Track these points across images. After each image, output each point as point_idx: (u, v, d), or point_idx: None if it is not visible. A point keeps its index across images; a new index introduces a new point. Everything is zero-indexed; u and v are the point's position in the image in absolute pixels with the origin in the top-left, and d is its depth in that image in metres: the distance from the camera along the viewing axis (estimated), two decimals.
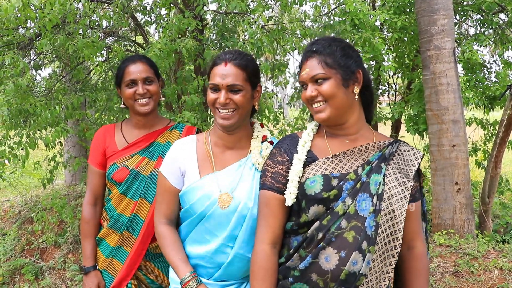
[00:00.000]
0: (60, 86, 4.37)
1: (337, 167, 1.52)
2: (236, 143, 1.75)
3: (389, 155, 1.56)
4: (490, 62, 5.09)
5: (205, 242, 1.69)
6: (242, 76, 1.63)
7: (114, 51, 4.15)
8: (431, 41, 3.85)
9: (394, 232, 1.47)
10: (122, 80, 2.06)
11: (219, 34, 4.23)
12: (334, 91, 1.50)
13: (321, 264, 1.44)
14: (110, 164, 2.07)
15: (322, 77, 1.50)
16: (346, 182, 1.48)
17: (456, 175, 3.85)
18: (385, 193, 1.48)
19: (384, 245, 1.47)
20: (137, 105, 2.04)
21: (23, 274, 4.33)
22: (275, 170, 1.57)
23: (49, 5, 2.83)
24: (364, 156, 1.55)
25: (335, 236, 1.44)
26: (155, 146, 2.09)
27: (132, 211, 2.03)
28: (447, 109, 3.82)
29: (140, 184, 2.03)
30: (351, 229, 1.44)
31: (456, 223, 3.87)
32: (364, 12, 3.75)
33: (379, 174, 1.49)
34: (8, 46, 3.87)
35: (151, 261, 2.09)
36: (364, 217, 1.44)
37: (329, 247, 1.43)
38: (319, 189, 1.47)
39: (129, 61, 2.07)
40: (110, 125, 2.23)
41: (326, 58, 1.51)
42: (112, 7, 3.77)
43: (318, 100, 1.53)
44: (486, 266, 3.16)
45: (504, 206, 5.20)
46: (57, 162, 4.25)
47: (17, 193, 6.03)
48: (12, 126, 3.83)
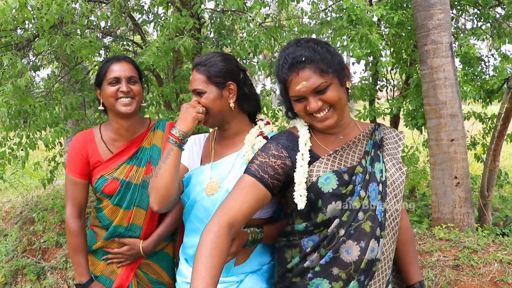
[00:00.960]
0: (59, 87, 4.38)
1: (342, 162, 1.51)
2: (233, 137, 1.81)
3: (380, 141, 1.59)
4: (487, 56, 5.09)
5: (197, 231, 1.72)
6: (205, 81, 1.71)
7: (112, 51, 4.16)
8: (428, 36, 3.85)
9: (397, 215, 1.54)
10: (105, 78, 1.94)
11: (216, 32, 4.23)
12: (338, 95, 1.45)
13: (342, 257, 1.46)
14: (97, 176, 1.98)
15: (324, 86, 1.42)
16: (356, 175, 1.49)
17: (455, 169, 3.87)
18: (388, 179, 1.52)
19: (392, 229, 1.53)
20: (119, 104, 1.92)
21: (25, 274, 4.35)
22: (265, 160, 1.48)
23: (46, 5, 2.83)
24: (359, 147, 1.55)
25: (354, 228, 1.46)
26: (141, 152, 2.02)
27: (129, 221, 2.00)
28: (445, 104, 3.83)
29: (133, 193, 1.98)
30: (367, 220, 1.47)
31: (455, 217, 3.89)
32: (361, 8, 3.75)
33: (380, 162, 1.53)
34: (6, 47, 3.88)
35: (149, 258, 2.09)
36: (375, 206, 1.48)
37: (349, 240, 1.46)
38: (336, 185, 1.46)
39: (114, 60, 1.98)
40: (88, 131, 2.06)
41: (320, 65, 1.42)
42: (110, 6, 3.78)
43: (323, 109, 1.46)
44: (486, 259, 3.17)
45: (503, 199, 5.22)
46: (57, 163, 4.26)
47: (18, 193, 6.05)
48: (11, 127, 3.85)
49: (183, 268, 1.84)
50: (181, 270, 1.85)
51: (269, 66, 4.04)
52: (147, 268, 2.09)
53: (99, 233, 2.07)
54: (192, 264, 1.70)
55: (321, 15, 5.14)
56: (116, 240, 2.03)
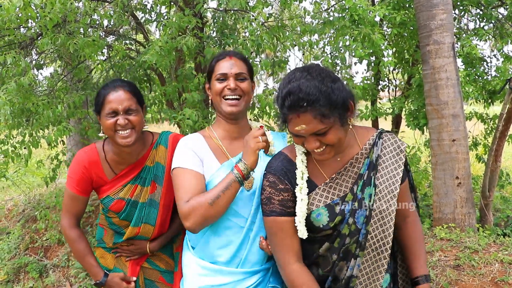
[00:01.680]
0: (61, 85, 4.40)
1: (336, 191, 1.57)
2: (241, 132, 1.85)
3: (376, 160, 1.58)
4: (490, 56, 5.09)
5: (232, 228, 1.77)
6: (245, 67, 1.82)
7: (115, 50, 4.17)
8: (430, 36, 3.85)
9: (385, 236, 1.57)
10: (102, 109, 1.87)
11: (219, 31, 4.24)
12: (338, 137, 1.44)
13: (337, 275, 1.59)
14: (103, 195, 2.01)
15: (324, 131, 1.41)
16: (346, 204, 1.55)
17: (456, 169, 3.87)
18: (376, 202, 1.56)
19: (375, 249, 1.57)
20: (118, 137, 1.87)
21: (28, 272, 4.37)
22: (281, 197, 1.56)
23: (49, 4, 2.85)
24: (356, 169, 1.59)
25: (343, 251, 1.56)
26: (145, 171, 2.02)
27: (137, 233, 2.07)
28: (447, 104, 3.83)
29: (140, 211, 2.01)
30: (353, 243, 1.55)
31: (457, 217, 3.89)
32: (364, 8, 3.76)
33: (370, 186, 1.55)
34: (9, 46, 3.89)
35: (158, 250, 2.16)
36: (359, 228, 1.54)
37: (340, 262, 1.57)
38: (326, 221, 1.54)
39: (110, 88, 1.88)
40: (91, 150, 2.01)
41: (322, 110, 1.37)
42: (113, 5, 3.79)
43: (322, 147, 1.46)
44: (487, 260, 3.18)
45: (504, 199, 5.21)
46: (59, 161, 4.28)
47: (21, 192, 6.07)
48: (14, 126, 3.86)
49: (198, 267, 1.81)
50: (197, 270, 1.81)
51: (272, 65, 4.05)
52: (154, 258, 2.16)
53: (108, 230, 2.15)
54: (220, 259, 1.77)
55: (324, 14, 5.14)
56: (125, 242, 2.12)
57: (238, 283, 1.76)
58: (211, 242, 1.79)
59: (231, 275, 1.76)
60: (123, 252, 2.12)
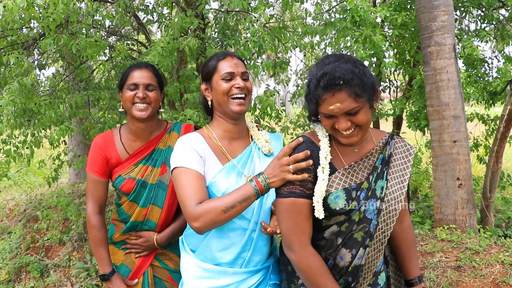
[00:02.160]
0: (63, 85, 4.41)
1: (353, 177, 1.60)
2: (240, 133, 1.88)
3: (389, 157, 1.67)
4: (491, 57, 5.10)
5: (236, 230, 1.78)
6: (245, 66, 1.86)
7: (117, 50, 4.18)
8: (431, 37, 3.86)
9: (388, 228, 1.65)
10: (125, 83, 2.06)
11: (220, 32, 4.25)
12: (367, 118, 1.52)
13: (337, 263, 1.61)
14: (115, 176, 2.10)
15: (356, 110, 1.48)
16: (362, 192, 1.58)
17: (457, 170, 3.87)
18: (386, 196, 1.62)
19: (379, 240, 1.63)
20: (134, 109, 2.02)
21: (29, 271, 4.38)
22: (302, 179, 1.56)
23: (52, 5, 2.86)
24: (371, 162, 1.64)
25: (347, 238, 1.59)
26: (157, 153, 2.12)
27: (145, 216, 2.12)
28: (448, 105, 3.84)
29: (149, 192, 2.09)
30: (360, 230, 1.59)
31: (457, 218, 3.89)
32: (365, 9, 3.77)
33: (383, 179, 1.62)
34: (12, 46, 3.91)
35: (166, 248, 2.20)
36: (370, 219, 1.59)
37: (343, 248, 1.59)
38: (343, 204, 1.56)
39: (135, 67, 2.09)
40: (108, 133, 2.18)
41: (356, 89, 1.45)
42: (115, 6, 3.80)
43: (350, 129, 1.52)
44: (488, 261, 3.18)
45: (505, 201, 5.22)
46: (61, 161, 4.29)
47: (22, 191, 6.08)
48: (17, 125, 3.87)
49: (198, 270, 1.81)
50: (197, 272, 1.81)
51: (273, 66, 4.06)
52: (163, 257, 2.20)
53: (119, 226, 2.21)
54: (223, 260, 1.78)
55: (325, 16, 5.15)
56: (133, 234, 2.16)
57: (241, 283, 1.77)
58: (213, 244, 1.79)
59: (235, 276, 1.77)
60: (132, 247, 2.17)
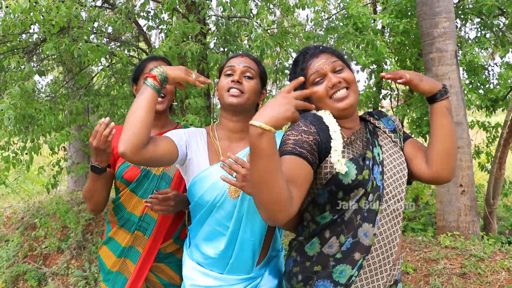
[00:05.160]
0: (63, 92, 4.39)
1: (355, 149, 1.56)
2: (241, 134, 1.78)
3: (373, 128, 1.68)
4: (491, 65, 5.11)
5: (218, 235, 1.71)
6: (255, 68, 1.80)
7: (118, 56, 4.17)
8: (433, 44, 3.87)
9: (398, 192, 1.55)
10: (142, 74, 2.06)
11: (222, 38, 4.25)
12: (353, 77, 1.58)
13: (362, 241, 1.47)
14: (120, 163, 2.03)
15: (340, 65, 1.58)
16: (369, 160, 1.52)
17: (460, 177, 3.85)
18: (385, 159, 1.58)
19: (389, 206, 1.52)
20: None
21: (26, 280, 4.31)
22: (298, 137, 1.43)
23: (55, 8, 2.85)
24: (362, 136, 1.63)
25: (367, 210, 1.49)
26: None
27: (143, 210, 2.01)
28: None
29: (150, 183, 2.00)
30: (376, 200, 1.50)
31: (461, 225, 3.86)
32: (367, 16, 3.77)
33: (376, 146, 1.59)
34: (12, 51, 3.89)
35: (162, 262, 2.08)
36: (379, 186, 1.51)
37: (364, 223, 1.47)
38: (355, 174, 1.45)
39: (151, 59, 2.12)
40: (117, 126, 2.12)
41: (336, 53, 1.62)
42: (116, 12, 3.79)
43: (342, 87, 1.55)
44: (493, 268, 3.15)
45: (507, 208, 5.20)
46: (61, 167, 4.25)
47: (20, 199, 6.03)
48: (15, 132, 3.84)
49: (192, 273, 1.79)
50: (190, 274, 1.80)
51: (275, 72, 4.05)
52: (159, 271, 2.09)
53: (115, 222, 2.10)
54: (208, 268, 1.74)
55: (326, 22, 5.16)
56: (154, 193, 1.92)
57: None
58: (201, 246, 1.78)
59: (217, 280, 1.74)
60: (151, 203, 1.89)
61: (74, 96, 4.33)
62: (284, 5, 4.25)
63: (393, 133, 1.68)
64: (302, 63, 1.63)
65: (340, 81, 1.54)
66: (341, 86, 1.55)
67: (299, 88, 1.51)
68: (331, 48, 1.66)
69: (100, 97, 4.75)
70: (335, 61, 1.58)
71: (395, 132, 1.69)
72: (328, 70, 1.56)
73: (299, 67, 1.64)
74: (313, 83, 1.58)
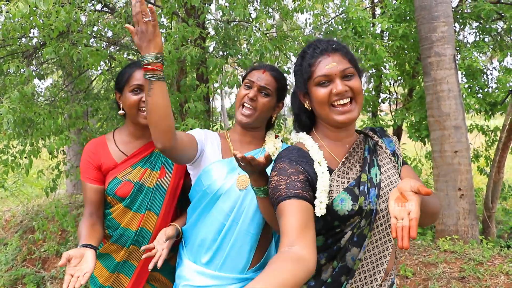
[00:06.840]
0: (62, 95, 4.39)
1: (349, 174, 1.49)
2: (253, 139, 1.88)
3: (374, 145, 1.61)
4: (489, 69, 5.13)
5: (216, 223, 1.76)
6: (273, 85, 1.81)
7: (117, 60, 4.18)
8: (431, 48, 3.88)
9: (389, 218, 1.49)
10: (127, 84, 1.86)
11: (221, 42, 4.26)
12: (361, 87, 1.47)
13: (348, 265, 1.45)
14: (110, 178, 1.92)
15: (351, 72, 1.45)
16: (363, 185, 1.46)
17: (459, 180, 3.86)
18: (382, 182, 1.51)
19: (382, 230, 1.49)
20: (140, 116, 1.86)
21: (25, 284, 4.30)
22: (288, 181, 1.39)
23: (55, 13, 2.85)
24: (359, 154, 1.56)
25: (357, 235, 1.45)
26: (156, 156, 1.97)
27: (139, 224, 1.93)
28: (448, 115, 3.84)
29: (145, 196, 1.93)
30: (367, 225, 1.45)
31: (460, 229, 3.87)
32: (367, 20, 3.79)
33: (374, 167, 1.53)
34: (12, 55, 3.89)
35: (156, 270, 1.94)
36: (373, 209, 1.46)
37: (353, 248, 1.45)
38: (351, 206, 1.42)
39: (137, 66, 1.87)
40: (100, 138, 2.00)
41: (349, 55, 1.47)
42: (116, 16, 3.81)
43: (346, 96, 1.45)
44: (492, 271, 3.15)
45: (506, 212, 5.20)
46: (60, 171, 4.25)
47: (19, 202, 6.02)
48: (14, 135, 3.84)
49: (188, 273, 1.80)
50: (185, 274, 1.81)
51: None
52: (153, 279, 2.04)
53: (107, 237, 2.01)
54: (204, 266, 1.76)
55: (324, 26, 5.18)
56: (142, 249, 1.87)
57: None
58: (198, 238, 1.80)
59: (213, 279, 1.76)
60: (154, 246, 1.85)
61: (73, 99, 4.33)
62: (283, 9, 4.26)
63: (393, 156, 1.63)
64: (311, 57, 1.49)
65: (346, 90, 1.44)
66: (346, 95, 1.45)
67: (305, 82, 1.50)
68: (345, 48, 1.52)
69: (99, 100, 4.76)
70: (347, 68, 1.45)
71: (394, 155, 1.64)
72: (338, 76, 1.45)
73: (307, 61, 1.50)
74: (317, 84, 1.48)
